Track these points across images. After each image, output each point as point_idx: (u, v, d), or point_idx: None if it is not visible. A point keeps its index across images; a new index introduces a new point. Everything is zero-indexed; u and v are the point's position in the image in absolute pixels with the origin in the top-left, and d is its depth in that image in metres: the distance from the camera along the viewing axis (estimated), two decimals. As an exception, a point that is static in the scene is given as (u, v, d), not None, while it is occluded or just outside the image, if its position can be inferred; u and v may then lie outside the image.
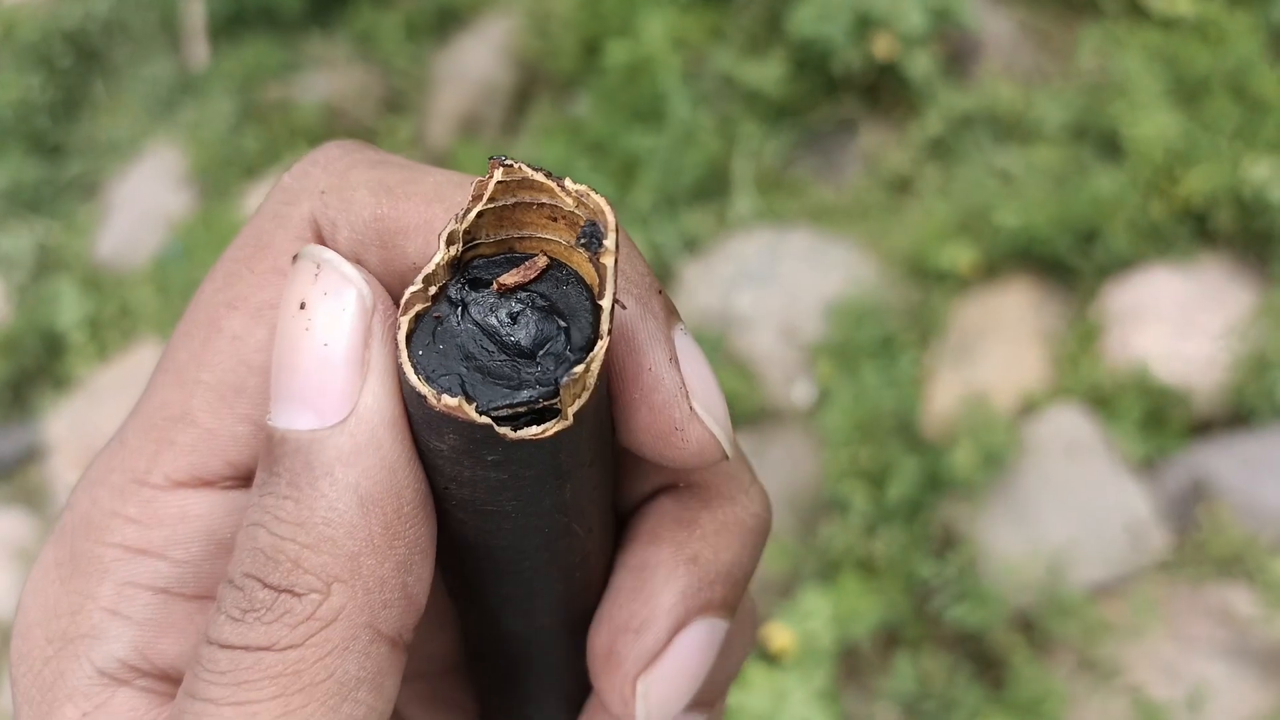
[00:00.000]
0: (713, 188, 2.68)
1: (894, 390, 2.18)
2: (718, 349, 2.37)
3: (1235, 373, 2.08)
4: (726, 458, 0.34)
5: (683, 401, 0.32)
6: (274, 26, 3.45)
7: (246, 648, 0.29)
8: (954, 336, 2.29)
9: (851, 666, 1.99)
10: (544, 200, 0.30)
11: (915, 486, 2.05)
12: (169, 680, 0.34)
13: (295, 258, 0.30)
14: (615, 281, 0.29)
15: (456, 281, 0.30)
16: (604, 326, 0.28)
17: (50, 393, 3.04)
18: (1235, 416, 2.08)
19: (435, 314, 0.29)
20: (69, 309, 3.07)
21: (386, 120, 3.20)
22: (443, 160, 3.05)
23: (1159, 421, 2.09)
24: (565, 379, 0.28)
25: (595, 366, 0.28)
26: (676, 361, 0.32)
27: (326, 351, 0.29)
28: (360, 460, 0.29)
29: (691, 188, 2.67)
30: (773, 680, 1.92)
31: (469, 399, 0.28)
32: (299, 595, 0.29)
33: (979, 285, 2.34)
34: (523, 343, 0.29)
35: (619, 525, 0.36)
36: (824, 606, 1.96)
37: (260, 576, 0.29)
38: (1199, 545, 1.96)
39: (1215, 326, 2.13)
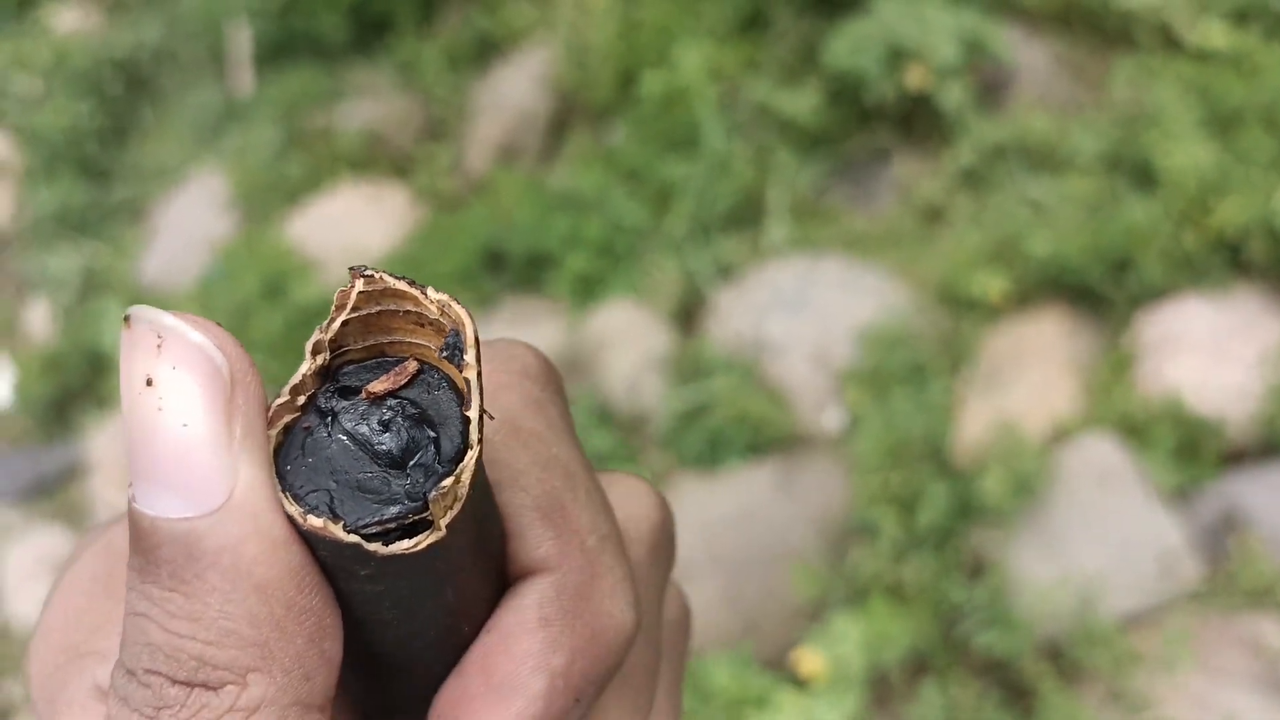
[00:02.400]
0: (747, 216, 2.71)
1: (925, 417, 2.19)
2: (749, 375, 2.39)
3: (1269, 403, 2.07)
4: None
5: None
6: (318, 55, 3.52)
7: None
8: (985, 364, 2.29)
9: (879, 693, 1.99)
10: (409, 307, 0.30)
11: (945, 513, 2.05)
12: None
13: (126, 319, 0.27)
14: (480, 394, 0.28)
15: (326, 390, 0.29)
16: (473, 436, 0.28)
17: (93, 412, 3.10)
18: (1268, 447, 2.07)
19: (305, 425, 0.29)
20: (113, 329, 3.13)
21: (426, 147, 3.26)
22: (481, 187, 3.10)
23: (1191, 451, 2.08)
24: (434, 493, 0.27)
25: (466, 477, 0.27)
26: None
27: (187, 433, 0.26)
28: (247, 547, 0.27)
29: (726, 215, 2.69)
30: (802, 705, 1.92)
31: (335, 517, 0.27)
32: (214, 689, 0.27)
33: (1010, 314, 2.35)
34: (393, 452, 0.28)
35: None
36: (855, 631, 1.96)
37: (166, 674, 0.27)
38: (1230, 576, 1.95)
39: (1249, 356, 2.13)
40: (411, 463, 0.28)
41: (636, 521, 0.38)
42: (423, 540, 0.27)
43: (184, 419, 0.26)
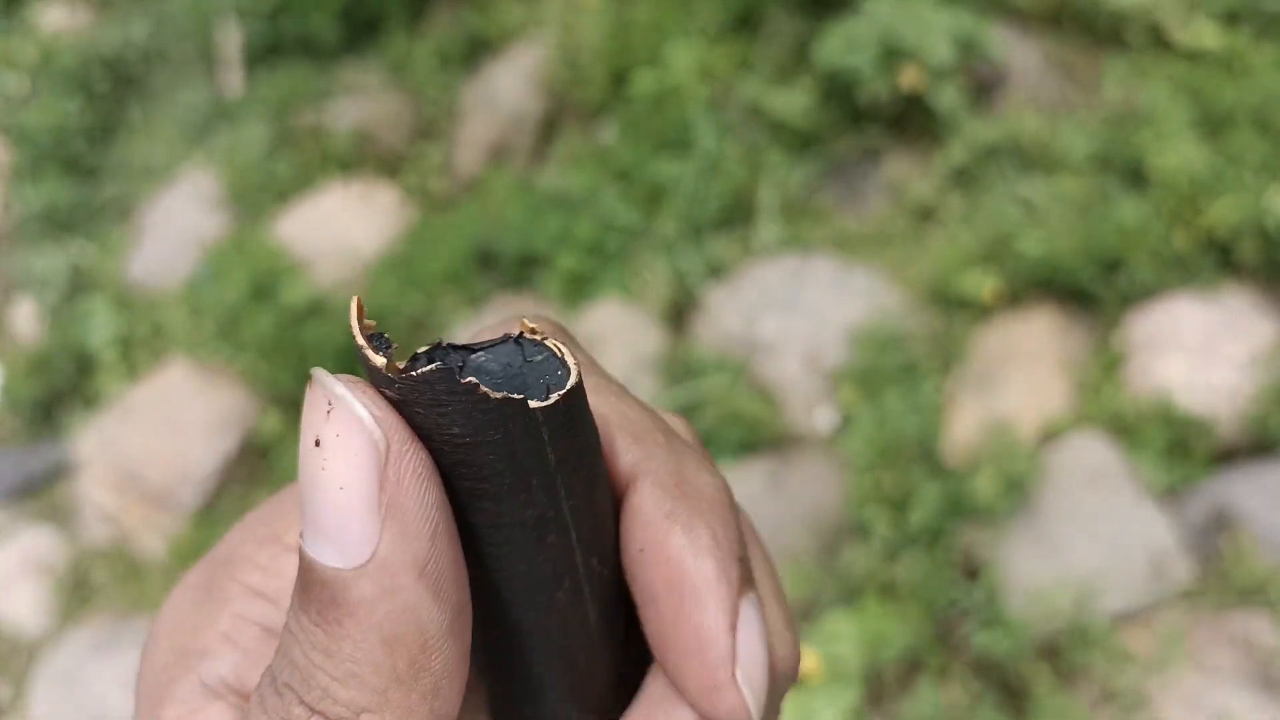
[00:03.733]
0: (738, 215, 2.71)
1: (916, 416, 2.19)
2: (741, 375, 2.39)
3: (1259, 403, 2.07)
4: None
5: (727, 667, 0.35)
6: (309, 54, 3.51)
7: None
8: (976, 364, 2.29)
9: (873, 691, 1.99)
10: None
11: (937, 512, 2.05)
12: None
13: (310, 378, 0.30)
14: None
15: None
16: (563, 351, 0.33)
17: (80, 411, 3.08)
18: (1259, 446, 2.07)
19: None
20: (100, 328, 3.12)
21: (417, 147, 3.25)
22: (471, 186, 3.09)
23: (1182, 451, 2.09)
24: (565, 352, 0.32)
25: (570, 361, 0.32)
26: (735, 630, 0.36)
27: (342, 495, 0.30)
28: (382, 605, 0.30)
29: (717, 215, 2.69)
30: (798, 702, 1.92)
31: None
32: None
33: (1002, 313, 2.35)
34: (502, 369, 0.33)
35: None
36: (850, 630, 1.96)
37: (297, 692, 0.31)
38: (1222, 575, 1.95)
39: (1239, 356, 2.13)
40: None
41: (677, 427, 0.43)
42: (574, 374, 0.32)
43: (340, 483, 0.30)
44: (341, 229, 3.10)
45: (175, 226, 3.34)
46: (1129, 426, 2.11)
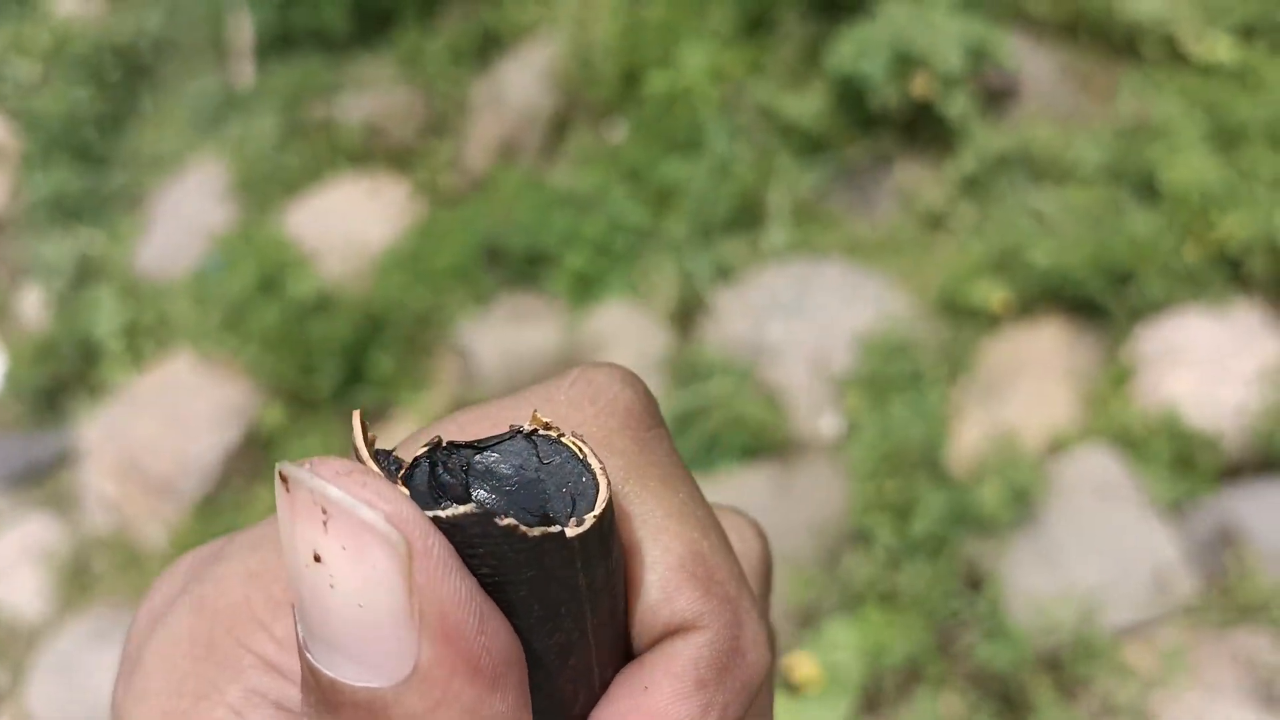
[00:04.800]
0: (747, 218, 2.70)
1: (922, 425, 2.18)
2: (747, 379, 2.38)
3: (1266, 419, 2.07)
4: None
5: None
6: (320, 46, 3.51)
7: None
8: (984, 373, 2.29)
9: (872, 700, 1.99)
10: None
11: (940, 521, 2.05)
12: None
13: (283, 479, 0.25)
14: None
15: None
16: (595, 465, 0.29)
17: (85, 399, 3.08)
18: (1265, 463, 2.06)
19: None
20: (107, 317, 3.12)
21: (427, 141, 3.24)
22: (480, 182, 3.09)
23: (1188, 465, 2.08)
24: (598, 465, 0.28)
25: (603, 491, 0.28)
26: None
27: (365, 613, 0.25)
28: (437, 716, 0.25)
29: (726, 217, 2.69)
30: (793, 711, 1.92)
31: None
32: None
33: (1010, 323, 2.34)
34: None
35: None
36: (850, 638, 1.96)
37: None
38: (1225, 591, 1.95)
39: (1247, 372, 2.12)
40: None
41: (747, 557, 0.37)
42: (601, 501, 0.28)
43: (359, 600, 0.25)
44: (350, 222, 3.10)
45: (184, 216, 3.34)
46: (1136, 440, 2.11)
